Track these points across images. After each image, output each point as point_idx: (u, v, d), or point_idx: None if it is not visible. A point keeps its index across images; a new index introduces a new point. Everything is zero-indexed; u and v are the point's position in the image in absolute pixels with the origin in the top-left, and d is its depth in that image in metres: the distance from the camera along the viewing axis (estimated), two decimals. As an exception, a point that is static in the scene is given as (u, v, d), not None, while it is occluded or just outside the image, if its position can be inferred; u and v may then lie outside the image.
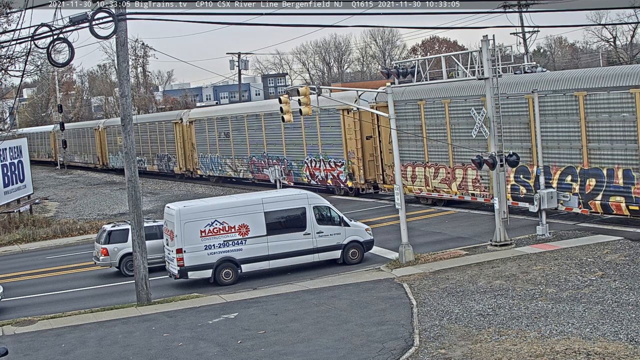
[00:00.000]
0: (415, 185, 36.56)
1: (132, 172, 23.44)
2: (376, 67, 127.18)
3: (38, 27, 21.88)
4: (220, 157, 53.71)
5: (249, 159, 50.08)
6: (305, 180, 44.42)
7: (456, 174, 34.13)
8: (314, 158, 43.53)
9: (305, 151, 44.20)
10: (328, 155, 42.41)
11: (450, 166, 34.43)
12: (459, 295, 20.52)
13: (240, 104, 68.69)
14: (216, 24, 48.80)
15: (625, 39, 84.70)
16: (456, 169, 34.11)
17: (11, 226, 41.72)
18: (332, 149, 42.05)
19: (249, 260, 25.53)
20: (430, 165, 35.45)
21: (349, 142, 40.85)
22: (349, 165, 41.00)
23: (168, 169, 61.75)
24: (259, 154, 48.86)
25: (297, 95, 26.58)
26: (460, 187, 33.99)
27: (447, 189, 34.65)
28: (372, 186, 41.05)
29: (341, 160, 41.48)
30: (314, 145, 43.41)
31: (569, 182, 28.61)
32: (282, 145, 46.21)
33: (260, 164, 48.73)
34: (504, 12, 57.17)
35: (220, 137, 53.18)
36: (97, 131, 76.40)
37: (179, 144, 58.98)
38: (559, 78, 29.20)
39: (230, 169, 52.71)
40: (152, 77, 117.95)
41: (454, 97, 33.11)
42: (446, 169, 34.64)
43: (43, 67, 59.68)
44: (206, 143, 55.28)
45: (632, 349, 15.16)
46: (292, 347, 17.60)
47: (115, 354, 18.38)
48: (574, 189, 28.37)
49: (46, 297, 26.37)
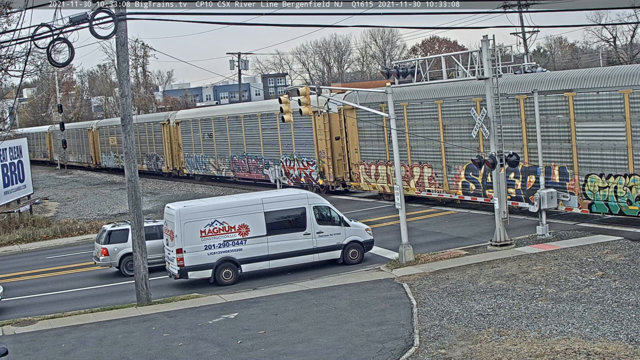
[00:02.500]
0: (379, 182, 39.12)
1: (132, 172, 23.41)
2: (376, 67, 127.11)
3: (38, 27, 21.88)
4: (204, 156, 56.38)
5: (230, 158, 52.80)
6: None
7: (414, 172, 36.55)
8: (289, 157, 46.15)
9: (280, 151, 46.85)
10: (301, 154, 45.05)
11: (408, 164, 36.69)
12: (459, 295, 20.53)
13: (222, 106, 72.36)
14: (216, 24, 49.13)
15: (625, 39, 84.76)
16: (414, 167, 36.59)
17: (11, 226, 41.72)
18: (305, 149, 44.64)
19: (249, 260, 25.53)
20: (391, 164, 37.01)
21: (319, 143, 43.35)
22: (320, 164, 43.51)
23: (157, 168, 63.81)
24: (239, 154, 51.57)
25: (297, 95, 26.63)
26: (418, 184, 36.46)
27: (406, 185, 36.47)
28: (341, 184, 43.42)
29: (313, 159, 44.02)
30: (289, 146, 46.06)
31: (512, 178, 30.84)
32: (260, 146, 48.97)
33: (240, 163, 51.57)
34: (504, 12, 57.22)
35: (204, 137, 55.82)
36: (91, 132, 78.83)
37: (166, 144, 61.50)
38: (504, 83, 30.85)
39: (213, 168, 55.36)
40: (152, 77, 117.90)
41: (411, 100, 35.48)
42: (405, 167, 36.55)
43: (43, 67, 59.82)
44: (191, 143, 57.97)
45: (632, 349, 15.17)
46: (292, 347, 17.60)
47: (115, 354, 18.38)
48: (517, 185, 30.87)
49: (46, 297, 26.38)
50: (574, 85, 28.14)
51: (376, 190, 39.53)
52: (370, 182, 39.59)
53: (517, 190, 30.80)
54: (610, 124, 26.99)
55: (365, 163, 39.82)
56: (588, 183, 28.07)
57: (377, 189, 39.45)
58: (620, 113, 26.61)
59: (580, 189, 28.29)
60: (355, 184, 41.00)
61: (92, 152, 79.04)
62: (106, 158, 74.97)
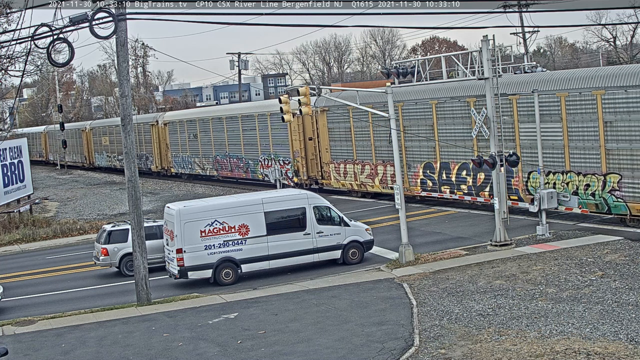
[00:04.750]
0: (347, 180, 41.80)
1: (132, 172, 23.40)
2: (376, 67, 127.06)
3: (38, 27, 21.86)
4: (190, 156, 58.89)
5: (214, 157, 55.21)
6: (260, 177, 49.53)
7: (378, 170, 39.27)
8: (267, 157, 48.51)
9: (259, 151, 49.25)
10: (278, 154, 47.27)
11: (373, 163, 39.41)
12: (459, 295, 20.52)
13: (207, 107, 74.50)
14: (216, 24, 49.23)
15: (625, 39, 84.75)
16: (378, 165, 39.23)
17: (11, 226, 41.71)
18: (281, 148, 46.98)
19: (249, 260, 25.53)
20: (357, 162, 40.64)
21: (294, 143, 45.66)
22: (295, 163, 45.65)
23: (146, 167, 65.55)
24: (222, 153, 54.02)
25: (297, 95, 26.64)
26: (382, 182, 39.03)
27: (372, 183, 39.75)
28: (314, 182, 45.10)
29: (288, 159, 46.19)
30: (267, 146, 48.45)
31: (464, 175, 33.67)
32: (241, 146, 51.40)
33: (223, 162, 54.06)
34: (504, 12, 57.16)
35: (190, 138, 58.31)
36: (85, 132, 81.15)
37: (155, 144, 63.81)
38: (452, 87, 33.57)
39: (198, 167, 57.80)
40: (152, 77, 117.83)
41: (376, 103, 36.17)
42: (370, 166, 39.65)
43: (43, 67, 59.87)
44: (178, 143, 60.55)
45: (632, 349, 15.16)
46: (292, 347, 17.60)
47: (115, 354, 18.38)
48: (468, 182, 33.54)
49: (46, 297, 26.37)
50: (517, 89, 30.66)
51: (345, 187, 41.94)
52: (340, 180, 42.26)
53: (468, 187, 33.53)
54: (550, 125, 29.25)
55: (335, 162, 42.45)
56: (530, 180, 30.56)
57: (345, 186, 41.93)
58: (558, 115, 29.01)
59: (523, 185, 30.75)
60: (327, 181, 43.43)
61: (86, 152, 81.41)
62: (99, 158, 77.47)
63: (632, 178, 26.66)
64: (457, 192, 33.96)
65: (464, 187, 33.66)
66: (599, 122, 27.53)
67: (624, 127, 26.83)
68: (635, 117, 26.40)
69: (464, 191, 33.63)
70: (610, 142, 27.33)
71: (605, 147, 27.44)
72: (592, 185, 28.04)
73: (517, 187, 30.99)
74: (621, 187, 26.88)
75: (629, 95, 26.46)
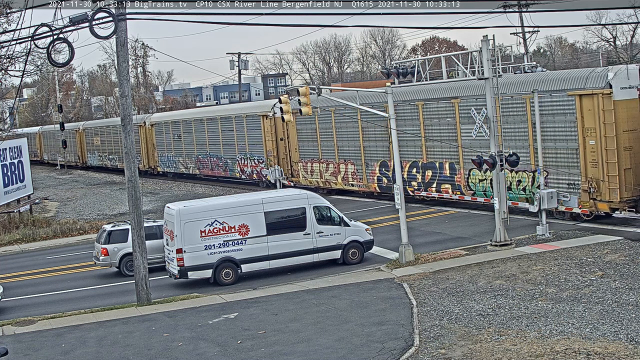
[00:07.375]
0: (314, 178, 44.18)
1: (132, 172, 23.40)
2: (376, 67, 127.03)
3: (38, 27, 21.86)
4: (174, 155, 61.79)
5: (196, 157, 58.07)
6: (237, 175, 52.29)
7: (340, 168, 41.75)
8: (243, 156, 51.15)
9: (237, 150, 51.79)
10: (253, 153, 49.90)
11: (336, 162, 42.03)
12: (459, 295, 20.53)
13: (190, 109, 77.70)
14: (216, 24, 49.39)
15: (625, 39, 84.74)
16: (340, 164, 41.76)
17: (11, 226, 41.70)
18: (256, 148, 49.52)
19: (249, 260, 25.53)
20: (322, 161, 43.26)
21: (267, 143, 48.11)
22: (268, 162, 47.80)
23: None
24: (203, 153, 56.87)
25: (297, 95, 26.63)
26: (344, 179, 41.67)
27: (335, 180, 42.38)
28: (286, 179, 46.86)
29: (262, 158, 48.64)
30: (243, 146, 51.04)
31: (414, 173, 36.35)
32: (220, 146, 54.00)
33: (204, 162, 56.89)
34: (504, 12, 57.16)
35: (174, 138, 61.17)
36: (78, 132, 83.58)
37: (143, 144, 66.25)
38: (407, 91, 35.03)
39: (182, 166, 60.76)
40: (152, 77, 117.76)
41: (338, 106, 38.84)
42: (334, 165, 42.24)
43: (43, 67, 59.87)
44: (164, 143, 63.40)
45: (632, 349, 15.16)
46: (292, 347, 17.60)
47: (115, 354, 18.38)
48: (418, 179, 36.20)
49: (46, 297, 26.38)
50: (459, 93, 33.24)
51: (312, 185, 43.74)
52: (307, 178, 44.75)
53: (418, 183, 36.22)
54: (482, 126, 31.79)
55: (303, 161, 44.99)
56: (471, 176, 33.22)
57: (312, 183, 44.07)
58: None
59: (465, 181, 33.59)
60: (296, 179, 45.62)
61: (79, 152, 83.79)
62: (91, 157, 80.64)
63: (557, 174, 29.09)
64: (409, 189, 36.20)
65: (415, 183, 36.36)
66: (528, 123, 30.11)
67: (549, 128, 29.23)
68: (559, 119, 28.77)
69: (415, 187, 36.40)
70: (538, 141, 29.29)
71: (534, 147, 29.85)
72: (522, 181, 30.79)
73: (459, 183, 33.87)
74: (547, 182, 28.92)
75: (553, 99, 28.94)
